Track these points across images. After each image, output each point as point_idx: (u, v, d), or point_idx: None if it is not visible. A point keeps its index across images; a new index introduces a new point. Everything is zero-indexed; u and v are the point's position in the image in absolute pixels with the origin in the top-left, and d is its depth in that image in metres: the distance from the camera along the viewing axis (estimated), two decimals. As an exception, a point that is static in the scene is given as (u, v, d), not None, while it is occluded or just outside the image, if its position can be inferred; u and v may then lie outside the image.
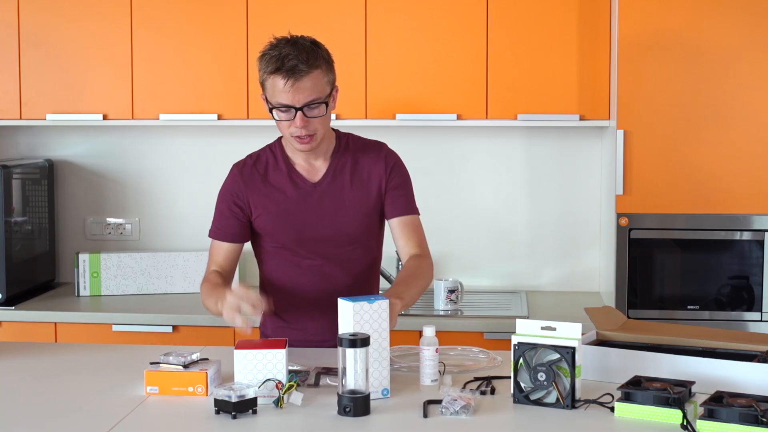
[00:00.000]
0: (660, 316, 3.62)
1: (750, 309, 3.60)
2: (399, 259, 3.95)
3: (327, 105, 2.66)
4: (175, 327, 3.78)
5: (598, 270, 4.22)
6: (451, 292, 3.89)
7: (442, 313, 3.85)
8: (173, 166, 4.36)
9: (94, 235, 4.40)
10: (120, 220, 4.39)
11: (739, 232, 3.59)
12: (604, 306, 2.82)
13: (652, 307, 3.64)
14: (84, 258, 4.08)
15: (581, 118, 3.84)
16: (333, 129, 2.84)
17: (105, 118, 4.01)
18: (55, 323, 3.82)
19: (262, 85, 2.69)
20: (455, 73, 3.88)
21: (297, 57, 2.59)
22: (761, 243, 3.58)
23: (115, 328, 3.79)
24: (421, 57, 3.89)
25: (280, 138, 2.86)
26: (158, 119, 4.00)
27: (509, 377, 2.44)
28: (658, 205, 3.62)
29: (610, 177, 3.84)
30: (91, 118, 4.02)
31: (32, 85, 4.04)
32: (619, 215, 3.64)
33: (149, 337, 3.76)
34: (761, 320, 3.59)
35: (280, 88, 2.60)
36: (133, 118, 4.01)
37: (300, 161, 2.80)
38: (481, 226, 4.24)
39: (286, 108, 2.62)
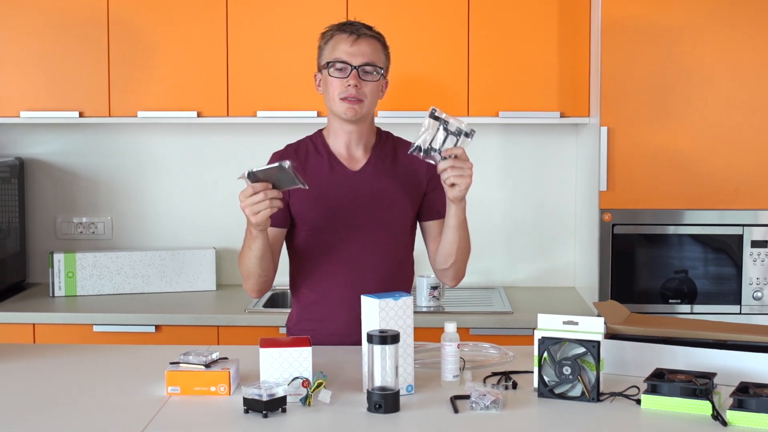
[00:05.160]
0: (642, 310, 3.67)
1: (729, 303, 3.68)
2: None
3: (380, 76, 2.77)
4: (157, 327, 3.73)
5: (573, 265, 4.27)
6: (434, 288, 3.91)
7: (425, 309, 3.87)
8: (149, 165, 4.31)
9: (66, 234, 4.33)
10: (92, 219, 4.32)
11: (718, 227, 3.67)
12: (609, 300, 2.85)
13: (633, 302, 3.69)
14: (59, 258, 4.01)
15: (562, 115, 3.89)
16: (375, 127, 2.91)
17: (81, 115, 3.95)
18: (33, 324, 3.75)
19: (321, 51, 2.81)
20: (437, 70, 3.89)
21: (362, 24, 2.82)
22: (740, 238, 3.66)
23: (96, 328, 3.74)
24: (402, 55, 3.87)
25: (320, 130, 2.89)
26: (136, 116, 3.94)
27: (527, 372, 2.47)
28: (640, 201, 3.68)
29: (589, 173, 3.89)
30: (67, 115, 3.95)
31: (6, 82, 3.95)
32: (602, 211, 3.69)
33: (132, 338, 3.71)
34: (740, 313, 3.68)
35: (341, 44, 2.75)
36: (110, 116, 3.95)
37: (340, 149, 2.83)
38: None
39: (343, 65, 2.73)
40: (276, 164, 2.45)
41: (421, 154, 2.54)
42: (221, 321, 3.72)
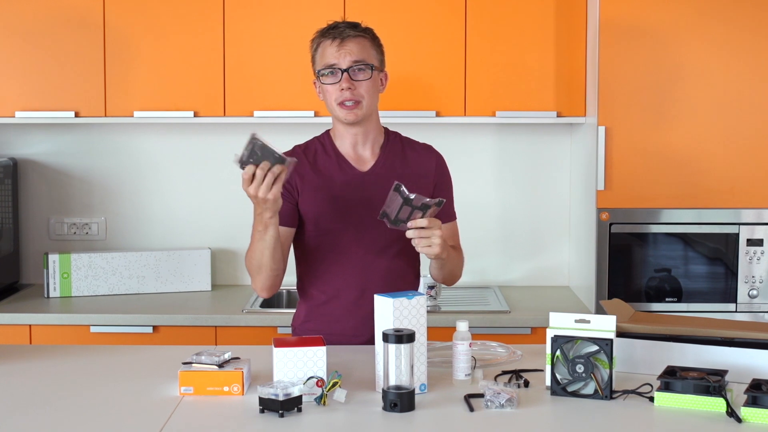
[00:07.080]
0: (637, 309, 3.68)
1: (725, 301, 3.71)
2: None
3: (373, 72, 2.74)
4: (155, 327, 3.72)
5: (567, 264, 4.29)
6: (431, 288, 3.92)
7: (422, 309, 3.87)
8: (145, 165, 4.29)
9: (59, 235, 4.30)
10: (86, 220, 4.30)
11: (714, 226, 3.70)
12: (614, 299, 2.87)
13: (630, 300, 3.71)
14: (54, 258, 3.98)
15: (558, 115, 3.90)
16: (382, 126, 2.91)
17: (77, 115, 3.93)
18: (30, 325, 3.73)
19: (313, 59, 2.80)
20: (434, 70, 3.90)
21: (345, 24, 2.79)
22: (736, 236, 3.69)
23: (93, 329, 3.72)
24: (399, 55, 3.89)
25: (327, 131, 2.88)
26: (132, 116, 3.93)
27: (537, 370, 2.49)
28: (637, 200, 3.70)
29: (585, 172, 3.91)
30: (63, 115, 3.92)
31: (1, 81, 3.92)
32: (599, 210, 3.71)
33: (130, 338, 3.70)
34: (736, 311, 3.70)
35: (327, 49, 2.74)
36: (106, 116, 3.93)
37: (348, 150, 2.83)
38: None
39: (332, 69, 2.72)
40: (248, 141, 2.52)
41: (389, 223, 2.58)
42: (219, 321, 3.71)
